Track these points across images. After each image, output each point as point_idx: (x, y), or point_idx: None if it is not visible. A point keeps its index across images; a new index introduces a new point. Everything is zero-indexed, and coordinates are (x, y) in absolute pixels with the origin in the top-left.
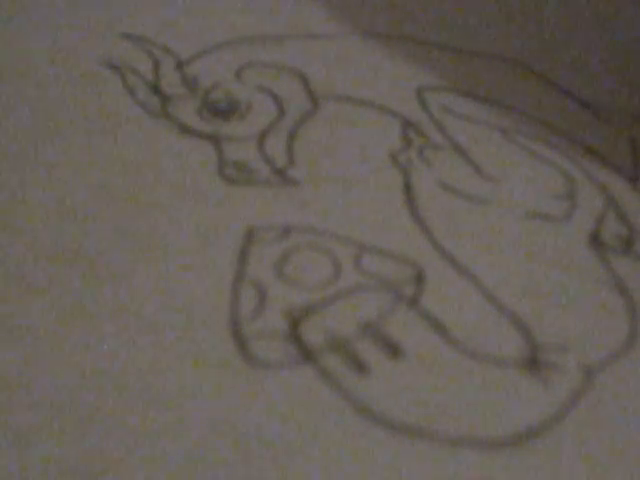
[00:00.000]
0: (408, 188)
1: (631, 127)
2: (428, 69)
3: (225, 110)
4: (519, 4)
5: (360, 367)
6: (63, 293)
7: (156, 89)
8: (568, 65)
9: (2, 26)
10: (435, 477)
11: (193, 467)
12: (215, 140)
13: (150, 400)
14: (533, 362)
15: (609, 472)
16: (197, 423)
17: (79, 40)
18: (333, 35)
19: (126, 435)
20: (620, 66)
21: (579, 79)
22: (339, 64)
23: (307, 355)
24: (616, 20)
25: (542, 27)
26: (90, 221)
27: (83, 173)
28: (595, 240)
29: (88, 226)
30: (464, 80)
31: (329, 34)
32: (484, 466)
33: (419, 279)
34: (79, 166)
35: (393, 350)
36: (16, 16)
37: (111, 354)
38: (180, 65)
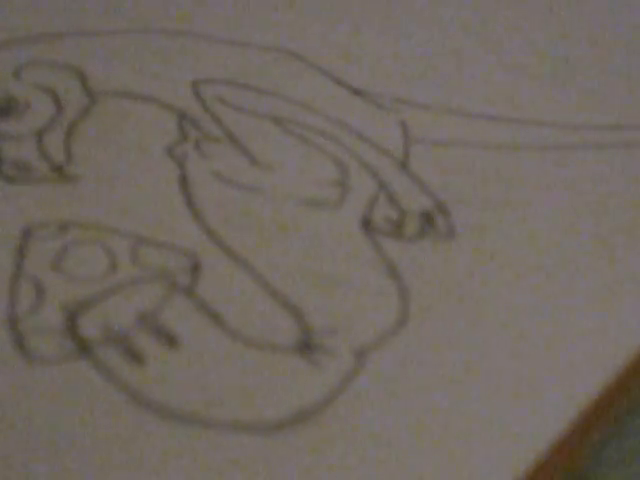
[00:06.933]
0: (184, 180)
1: (401, 112)
2: (203, 62)
3: (2, 109)
4: None
5: (136, 358)
6: None
7: None
8: (339, 53)
9: None
10: (212, 462)
11: None
12: None
13: None
14: (305, 346)
15: (379, 451)
16: None
17: None
18: (111, 31)
19: None
20: (392, 52)
21: (350, 67)
22: (117, 60)
23: (84, 349)
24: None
25: (311, 15)
26: None
27: None
28: (367, 224)
29: None
30: (238, 72)
31: (107, 31)
32: (259, 449)
33: (195, 269)
34: None
35: (169, 340)
36: None
37: None
38: None
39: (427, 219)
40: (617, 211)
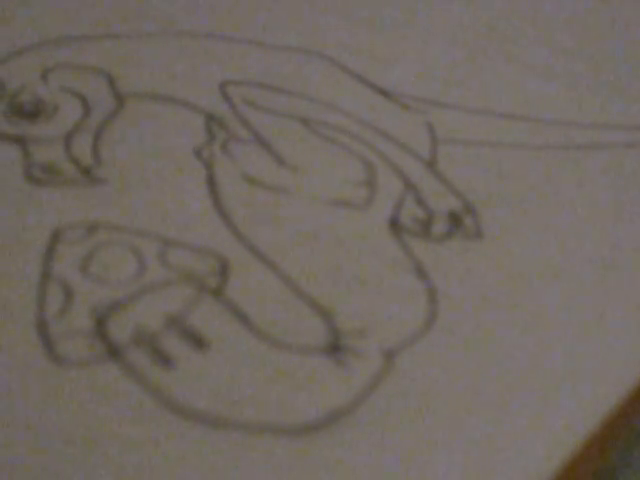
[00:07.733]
0: (212, 181)
1: (427, 112)
2: (230, 63)
3: (31, 112)
4: None
5: (165, 360)
6: None
7: None
8: (365, 54)
9: None
10: (241, 464)
11: None
12: (21, 142)
13: None
14: (334, 348)
15: (409, 452)
16: (2, 423)
17: None
18: (137, 34)
19: None
20: (417, 52)
21: (376, 67)
22: (144, 62)
23: (113, 351)
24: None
25: (337, 16)
26: None
27: None
28: (395, 224)
29: None
30: (265, 73)
31: (133, 33)
32: (288, 451)
33: (223, 271)
34: None
35: (198, 342)
36: None
37: None
38: None
39: (455, 219)
40: None
